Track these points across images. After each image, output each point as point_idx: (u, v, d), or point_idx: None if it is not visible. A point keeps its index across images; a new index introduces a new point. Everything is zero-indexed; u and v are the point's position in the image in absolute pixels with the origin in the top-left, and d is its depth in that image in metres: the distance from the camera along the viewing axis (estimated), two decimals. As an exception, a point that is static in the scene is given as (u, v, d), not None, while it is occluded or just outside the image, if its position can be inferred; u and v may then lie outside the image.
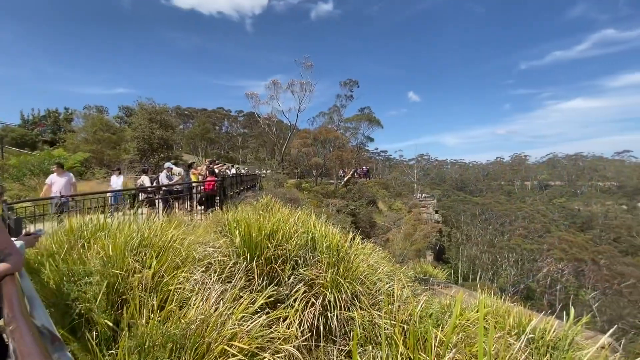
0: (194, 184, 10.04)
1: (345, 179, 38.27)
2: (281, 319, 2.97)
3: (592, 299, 33.57)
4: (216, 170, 12.16)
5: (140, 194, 9.71)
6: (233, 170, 21.51)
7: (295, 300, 3.30)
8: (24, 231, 2.27)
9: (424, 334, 2.08)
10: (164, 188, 9.58)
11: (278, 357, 2.03)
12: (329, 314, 3.28)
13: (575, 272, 37.04)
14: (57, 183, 8.50)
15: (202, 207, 9.35)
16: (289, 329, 2.80)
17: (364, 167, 49.98)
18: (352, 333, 3.26)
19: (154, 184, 10.10)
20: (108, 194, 8.98)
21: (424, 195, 50.23)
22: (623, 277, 38.10)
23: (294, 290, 3.43)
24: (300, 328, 3.03)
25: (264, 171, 36.33)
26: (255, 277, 3.20)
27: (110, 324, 2.00)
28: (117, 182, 10.75)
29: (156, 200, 8.61)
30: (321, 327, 3.24)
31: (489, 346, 1.25)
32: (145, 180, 10.22)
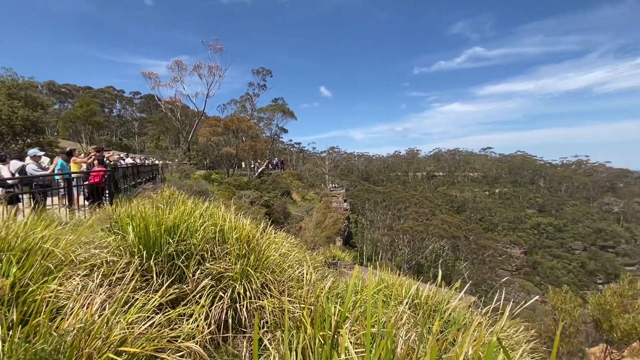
0: (74, 176, 8.46)
1: (259, 170, 37.60)
2: (186, 316, 2.79)
3: (464, 269, 41.17)
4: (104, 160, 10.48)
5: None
6: (128, 160, 18.94)
7: (201, 296, 3.14)
8: None
9: (328, 313, 2.23)
10: (32, 180, 7.82)
11: (179, 356, 1.90)
12: (238, 306, 3.23)
13: (453, 248, 44.81)
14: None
15: (87, 203, 7.98)
16: (195, 325, 2.65)
17: (276, 159, 50.00)
18: (262, 321, 3.28)
19: (15, 175, 8.14)
20: None
21: (334, 185, 53.17)
22: (485, 249, 47.84)
23: (200, 285, 3.26)
24: (207, 323, 2.90)
25: (167, 161, 32.96)
26: (154, 275, 2.91)
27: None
28: None
29: (20, 196, 6.98)
30: (230, 320, 3.17)
31: (379, 313, 1.43)
32: (3, 170, 8.14)
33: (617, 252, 70.01)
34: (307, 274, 3.86)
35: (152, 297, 2.30)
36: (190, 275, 3.28)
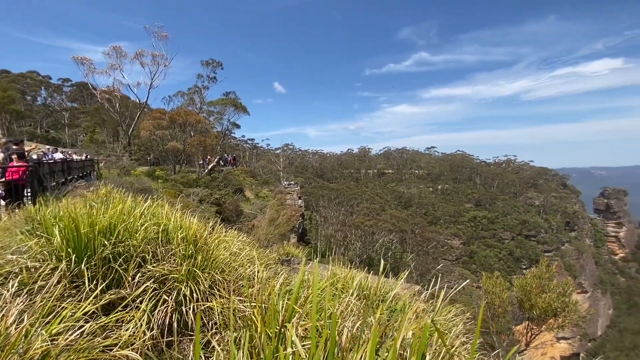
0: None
1: (209, 167, 35.98)
2: (124, 323, 2.60)
3: (410, 260, 43.78)
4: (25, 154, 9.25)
5: None
6: (58, 155, 16.97)
7: (142, 301, 2.94)
8: None
9: (276, 308, 2.23)
10: None
11: (114, 365, 1.76)
12: (184, 308, 3.08)
13: (401, 241, 47.41)
14: None
15: (4, 203, 6.99)
16: (135, 331, 2.48)
17: (227, 155, 48.28)
18: (210, 323, 3.18)
19: None
20: None
21: (289, 182, 52.92)
22: (429, 241, 51.37)
23: (141, 289, 3.05)
24: (149, 329, 2.73)
25: (100, 156, 30.09)
26: (86, 281, 2.65)
27: None
28: None
29: None
30: (175, 324, 3.02)
31: (326, 305, 1.47)
32: None
33: (538, 240, 79.89)
34: (258, 272, 3.82)
35: (83, 305, 2.10)
36: (130, 279, 3.05)
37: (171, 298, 3.09)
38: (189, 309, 3.11)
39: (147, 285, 3.00)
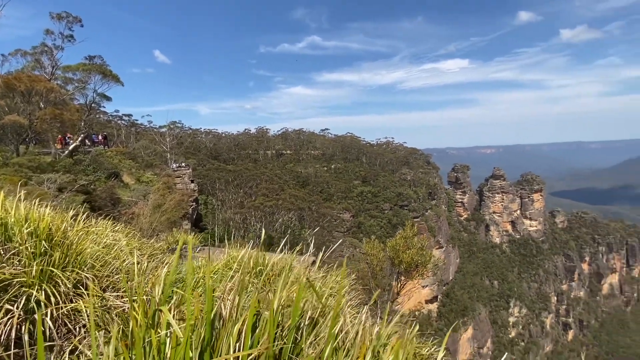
0: None
1: (71, 147, 29.49)
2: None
3: (309, 235, 46.49)
4: None
5: None
6: None
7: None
8: None
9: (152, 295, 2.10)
10: None
11: None
12: (37, 317, 2.59)
13: (299, 218, 49.66)
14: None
15: None
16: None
17: (95, 133, 40.45)
18: (78, 327, 2.78)
19: None
20: None
21: (178, 164, 48.08)
22: (325, 217, 55.39)
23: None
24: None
25: None
26: None
27: None
28: None
29: None
30: (26, 336, 2.51)
31: (207, 286, 1.48)
32: None
33: (409, 209, 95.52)
34: (138, 263, 3.49)
35: None
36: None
37: (17, 307, 2.55)
38: (46, 315, 2.63)
39: (-22, 296, 2.39)
